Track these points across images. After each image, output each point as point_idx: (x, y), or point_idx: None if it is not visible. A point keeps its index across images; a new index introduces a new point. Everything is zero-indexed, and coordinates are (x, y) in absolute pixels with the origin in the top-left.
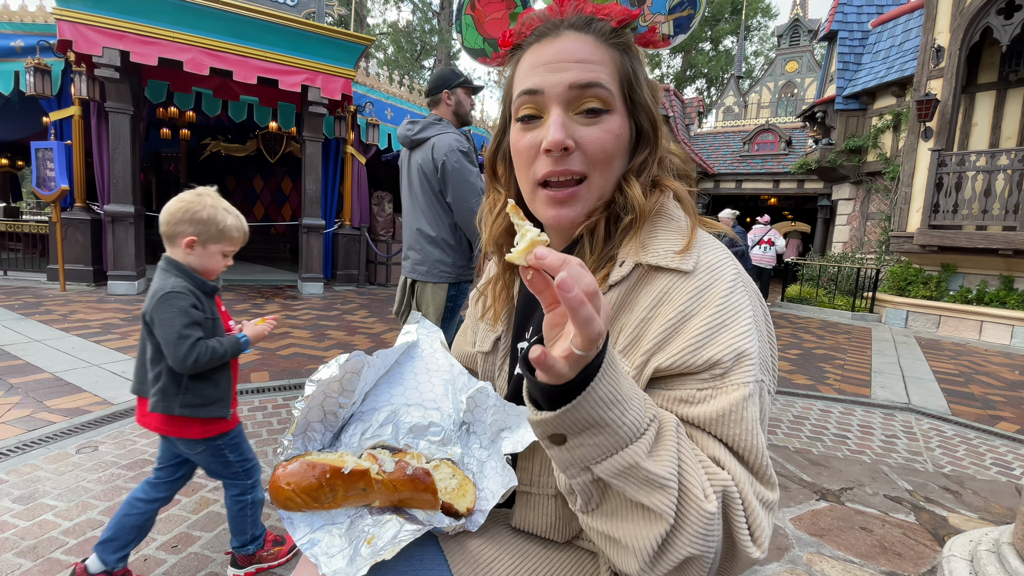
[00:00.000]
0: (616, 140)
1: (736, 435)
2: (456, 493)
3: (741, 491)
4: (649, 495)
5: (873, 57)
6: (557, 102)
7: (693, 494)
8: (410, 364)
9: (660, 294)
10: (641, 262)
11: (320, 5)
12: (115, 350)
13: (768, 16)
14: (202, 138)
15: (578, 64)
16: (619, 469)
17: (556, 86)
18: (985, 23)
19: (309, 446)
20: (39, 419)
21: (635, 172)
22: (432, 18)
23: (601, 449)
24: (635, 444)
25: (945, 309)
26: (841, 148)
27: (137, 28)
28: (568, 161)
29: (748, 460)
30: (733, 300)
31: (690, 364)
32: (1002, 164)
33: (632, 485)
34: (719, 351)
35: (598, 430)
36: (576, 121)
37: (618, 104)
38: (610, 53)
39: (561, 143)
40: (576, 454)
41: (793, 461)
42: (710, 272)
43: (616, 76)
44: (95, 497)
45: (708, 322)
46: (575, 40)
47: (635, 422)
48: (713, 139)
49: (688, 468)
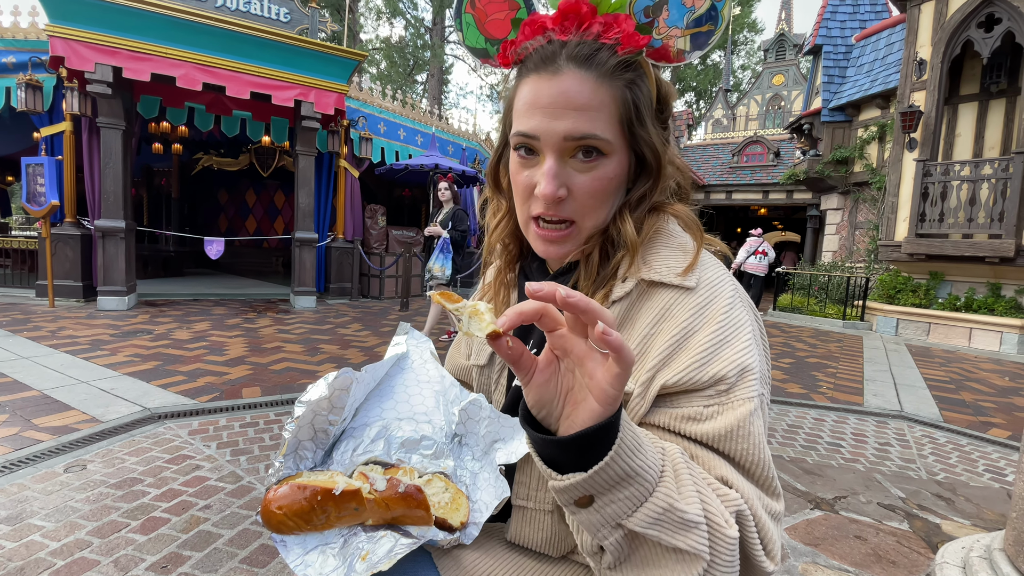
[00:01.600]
0: (609, 184)
1: (744, 450)
2: (449, 507)
3: (752, 509)
4: (685, 538)
5: (857, 70)
6: (551, 151)
7: (717, 523)
8: (400, 377)
9: (662, 310)
10: (644, 278)
11: (313, 21)
12: (104, 366)
13: (754, 31)
14: (194, 152)
15: (575, 112)
16: (654, 518)
17: (552, 136)
18: (966, 36)
19: (300, 465)
20: (27, 438)
21: (632, 206)
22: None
23: (633, 501)
24: (661, 485)
25: (935, 316)
26: (828, 159)
27: (130, 44)
28: (560, 208)
29: (755, 474)
30: (733, 316)
31: (696, 380)
32: (986, 173)
33: (667, 531)
34: (723, 367)
35: (629, 482)
36: (571, 166)
37: (617, 145)
38: (611, 92)
39: (553, 196)
40: (606, 512)
41: (787, 470)
42: (710, 288)
43: (616, 116)
44: (83, 517)
45: (711, 338)
46: (575, 80)
47: (655, 463)
48: (703, 151)
49: (708, 498)
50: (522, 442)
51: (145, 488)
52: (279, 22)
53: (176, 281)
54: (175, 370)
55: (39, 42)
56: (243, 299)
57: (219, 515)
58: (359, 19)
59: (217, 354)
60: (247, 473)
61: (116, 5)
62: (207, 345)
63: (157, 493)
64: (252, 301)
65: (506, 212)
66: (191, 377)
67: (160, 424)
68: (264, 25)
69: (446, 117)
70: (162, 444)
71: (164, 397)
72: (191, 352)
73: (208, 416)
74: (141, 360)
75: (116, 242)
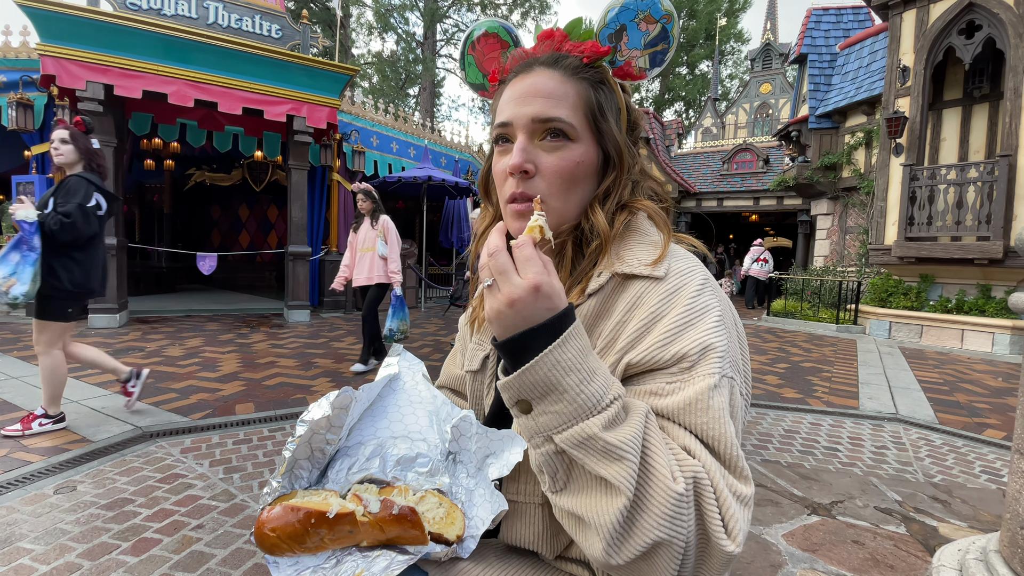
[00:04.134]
0: (575, 167)
1: (704, 423)
2: (444, 522)
3: (712, 479)
4: (607, 467)
5: (842, 78)
6: (522, 131)
7: (660, 473)
8: (393, 397)
9: (634, 299)
10: (617, 271)
11: (305, 37)
12: (95, 385)
13: (741, 41)
14: (186, 168)
15: (543, 99)
16: (578, 439)
17: (521, 118)
18: (948, 43)
19: (296, 484)
20: (15, 459)
21: (601, 198)
22: (416, 48)
23: (562, 417)
24: (595, 416)
25: (927, 319)
26: (817, 165)
27: (121, 62)
28: (529, 184)
29: (718, 449)
30: (701, 300)
31: (659, 359)
32: (972, 176)
33: (592, 457)
34: (686, 345)
35: (558, 396)
36: (540, 147)
37: (583, 134)
38: (576, 87)
39: (520, 166)
40: (540, 422)
41: (784, 476)
42: (680, 277)
43: (580, 108)
44: (73, 539)
45: (676, 320)
46: (543, 76)
47: (596, 394)
48: (693, 159)
49: (655, 449)
50: (513, 453)
51: (136, 508)
52: (271, 38)
53: (168, 297)
54: (167, 387)
55: (30, 61)
56: (236, 314)
57: (212, 535)
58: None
59: (210, 370)
60: (240, 491)
61: (107, 24)
62: (200, 361)
63: (148, 513)
64: (245, 316)
65: (492, 218)
66: (183, 394)
67: (152, 443)
68: (256, 41)
69: (438, 129)
70: (154, 463)
71: (156, 415)
72: (183, 369)
73: (201, 434)
74: None
75: (108, 259)
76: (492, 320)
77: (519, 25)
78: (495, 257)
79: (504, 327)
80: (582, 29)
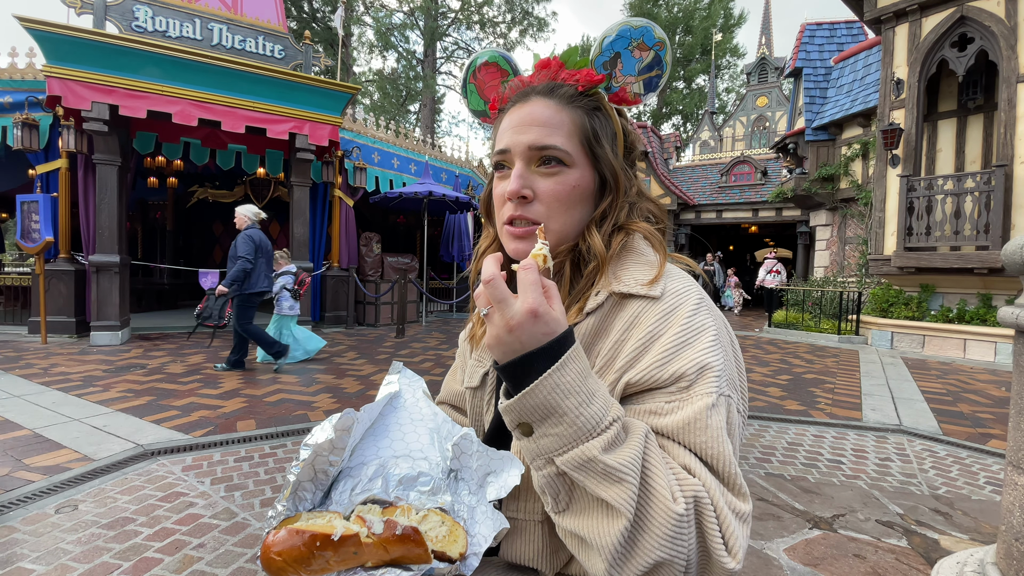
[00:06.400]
0: (571, 191)
1: (703, 442)
2: (447, 540)
3: (712, 498)
4: (608, 489)
5: (837, 91)
6: (519, 159)
7: (660, 494)
8: (394, 415)
9: (631, 318)
10: (614, 291)
11: (307, 57)
12: (97, 403)
13: (736, 55)
14: (189, 185)
15: (538, 127)
16: (578, 462)
17: (518, 146)
18: (940, 55)
19: (300, 506)
20: (17, 478)
21: (597, 220)
22: (416, 65)
23: (562, 440)
24: (595, 439)
25: (929, 329)
26: (814, 177)
27: (126, 83)
28: (527, 208)
29: (717, 468)
30: (696, 320)
31: (657, 379)
32: (969, 187)
33: (592, 479)
34: (683, 365)
35: (558, 418)
36: (537, 173)
37: (578, 159)
38: (571, 115)
39: (517, 192)
40: (541, 444)
41: (785, 490)
42: (676, 297)
43: (575, 135)
44: (74, 559)
45: (673, 339)
46: (540, 105)
47: (595, 416)
48: (691, 172)
49: (655, 470)
50: (511, 474)
51: (137, 528)
52: (273, 58)
53: (170, 314)
54: (169, 404)
55: (36, 82)
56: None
57: (213, 553)
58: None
59: (211, 387)
60: (242, 509)
61: (113, 46)
62: (201, 378)
63: (150, 532)
64: None
65: (493, 239)
66: (185, 411)
67: (153, 461)
68: (259, 62)
69: (439, 145)
70: (155, 482)
71: (157, 433)
72: (185, 386)
73: (202, 451)
74: (134, 395)
75: (110, 277)
76: (492, 347)
77: (518, 42)
78: (492, 286)
79: (504, 352)
80: (578, 57)
